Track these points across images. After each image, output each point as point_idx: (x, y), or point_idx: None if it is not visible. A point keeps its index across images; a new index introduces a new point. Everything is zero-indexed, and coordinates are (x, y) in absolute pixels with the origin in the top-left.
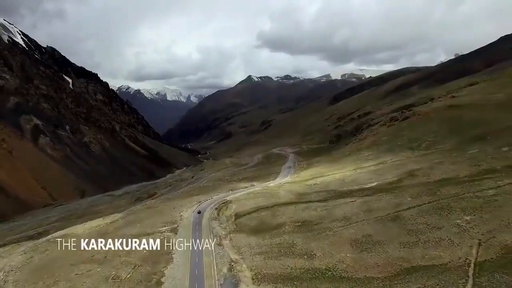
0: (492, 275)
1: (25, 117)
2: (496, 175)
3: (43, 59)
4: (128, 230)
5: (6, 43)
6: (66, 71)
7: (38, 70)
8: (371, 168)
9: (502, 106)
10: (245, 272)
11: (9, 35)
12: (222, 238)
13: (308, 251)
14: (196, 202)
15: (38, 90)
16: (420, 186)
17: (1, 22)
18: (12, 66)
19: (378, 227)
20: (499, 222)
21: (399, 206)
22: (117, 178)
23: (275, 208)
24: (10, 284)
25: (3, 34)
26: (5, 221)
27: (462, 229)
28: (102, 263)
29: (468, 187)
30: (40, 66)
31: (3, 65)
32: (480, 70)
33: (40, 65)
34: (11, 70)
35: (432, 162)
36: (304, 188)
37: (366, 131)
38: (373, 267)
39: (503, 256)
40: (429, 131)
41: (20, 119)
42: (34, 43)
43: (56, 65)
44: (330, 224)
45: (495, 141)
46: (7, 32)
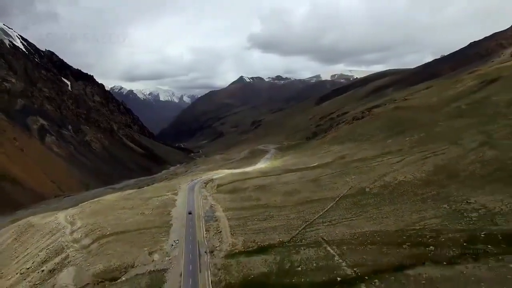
0: (345, 199)
1: (32, 118)
2: (388, 155)
3: (42, 62)
4: (142, 195)
5: (8, 47)
6: (65, 73)
7: (40, 73)
8: (320, 154)
9: (430, 109)
10: (219, 207)
11: (9, 39)
12: (207, 196)
13: (257, 198)
14: (190, 180)
15: (42, 92)
16: (341, 163)
17: (1, 26)
18: (16, 70)
19: (302, 185)
20: (368, 178)
21: (321, 174)
22: (117, 174)
23: (245, 180)
24: (78, 220)
25: (4, 38)
26: (24, 209)
27: (346, 182)
28: (132, 209)
29: (366, 162)
30: (41, 69)
31: (8, 69)
32: (446, 74)
33: (41, 69)
34: (15, 74)
35: (360, 149)
36: (268, 169)
37: (333, 129)
38: (290, 202)
39: (357, 192)
40: (373, 128)
41: (28, 119)
42: (33, 47)
43: (55, 68)
44: (275, 186)
45: (407, 134)
46: (7, 37)
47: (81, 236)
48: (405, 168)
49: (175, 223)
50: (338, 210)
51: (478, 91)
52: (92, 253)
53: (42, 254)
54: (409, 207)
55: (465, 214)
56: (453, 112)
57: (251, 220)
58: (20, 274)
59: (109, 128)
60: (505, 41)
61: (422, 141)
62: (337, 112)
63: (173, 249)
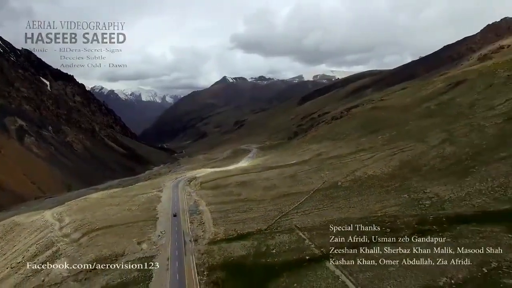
0: (318, 192)
1: (9, 119)
2: (361, 152)
3: (19, 61)
4: (128, 193)
5: None
6: (44, 73)
7: (17, 72)
8: (299, 153)
9: (403, 109)
10: (202, 202)
11: None
12: (191, 192)
13: (238, 193)
14: (174, 179)
15: (19, 92)
16: (317, 160)
17: None
18: None
19: (281, 180)
20: (340, 173)
21: (298, 170)
22: (100, 174)
23: (227, 177)
24: (66, 216)
25: None
26: (4, 211)
27: (321, 177)
28: (118, 205)
29: (340, 158)
30: (18, 69)
31: None
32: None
33: (18, 68)
34: None
35: (336, 147)
36: (250, 167)
37: (314, 128)
38: (269, 196)
39: (330, 186)
40: (350, 127)
41: (5, 120)
42: (9, 46)
43: (32, 67)
44: (255, 182)
45: (380, 133)
46: None
47: (70, 231)
48: (375, 164)
49: (161, 217)
50: (311, 202)
51: (445, 93)
52: (83, 245)
53: (32, 249)
54: (374, 197)
55: (420, 202)
56: (423, 112)
57: (232, 213)
58: (11, 268)
59: (90, 129)
60: (475, 45)
61: (392, 139)
62: (318, 112)
63: (160, 239)
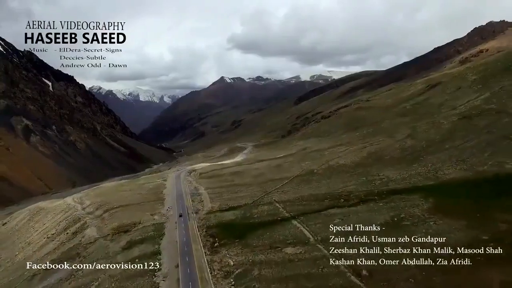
0: (297, 177)
1: (16, 118)
2: (339, 146)
3: (22, 62)
4: (137, 182)
5: None
6: (46, 74)
7: (21, 74)
8: (288, 148)
9: (384, 109)
10: (201, 187)
11: None
12: (191, 181)
13: (232, 180)
14: (176, 170)
15: (24, 93)
16: (301, 153)
17: None
18: None
19: (268, 169)
20: (318, 163)
21: (284, 161)
22: (102, 172)
23: (222, 169)
24: (86, 200)
25: None
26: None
27: (301, 166)
28: (130, 191)
29: (320, 152)
30: (21, 70)
31: None
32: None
33: (21, 69)
34: None
35: (320, 142)
36: (243, 160)
37: (305, 127)
38: (257, 181)
39: (307, 173)
40: (335, 125)
41: (12, 120)
42: (11, 47)
43: (35, 68)
44: (247, 171)
45: (359, 130)
46: None
47: (92, 209)
48: (347, 155)
49: (167, 198)
50: (290, 184)
51: (422, 94)
52: (106, 219)
53: (62, 223)
54: (340, 180)
55: (372, 182)
56: (399, 112)
57: (226, 193)
58: (47, 238)
59: (92, 128)
60: (461, 48)
61: (368, 135)
62: (312, 112)
63: (168, 212)
